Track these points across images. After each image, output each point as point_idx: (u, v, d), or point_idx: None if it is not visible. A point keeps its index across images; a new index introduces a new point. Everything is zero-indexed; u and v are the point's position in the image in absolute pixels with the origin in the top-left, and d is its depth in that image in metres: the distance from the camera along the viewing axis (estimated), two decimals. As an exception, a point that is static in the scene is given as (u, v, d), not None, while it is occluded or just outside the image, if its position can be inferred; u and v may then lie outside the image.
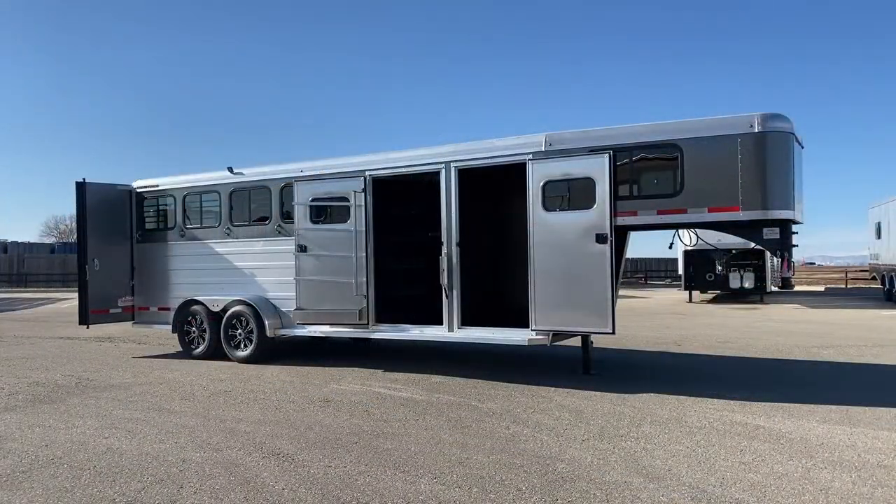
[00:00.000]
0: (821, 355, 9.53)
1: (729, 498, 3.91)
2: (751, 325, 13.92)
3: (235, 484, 4.26)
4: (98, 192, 9.97)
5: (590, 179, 6.99)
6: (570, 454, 4.79)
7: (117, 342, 11.86)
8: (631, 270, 44.29)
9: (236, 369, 8.70)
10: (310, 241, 8.51)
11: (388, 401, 6.63)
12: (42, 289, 36.40)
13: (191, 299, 9.65)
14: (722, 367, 8.66)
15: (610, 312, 6.83)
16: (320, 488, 4.15)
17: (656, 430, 5.40)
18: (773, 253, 7.00)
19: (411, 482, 4.24)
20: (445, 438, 5.24)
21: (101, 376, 8.32)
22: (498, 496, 3.99)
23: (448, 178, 7.81)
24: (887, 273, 21.45)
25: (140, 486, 4.25)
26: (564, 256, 7.08)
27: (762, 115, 6.48)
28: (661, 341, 11.27)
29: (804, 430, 5.36)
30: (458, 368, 8.33)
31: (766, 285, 20.92)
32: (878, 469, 4.42)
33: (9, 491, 4.20)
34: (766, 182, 6.48)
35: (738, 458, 4.66)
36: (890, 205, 21.04)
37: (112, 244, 10.13)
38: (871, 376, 7.94)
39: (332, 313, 8.36)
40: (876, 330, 12.80)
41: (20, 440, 5.37)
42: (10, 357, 10.22)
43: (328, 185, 8.51)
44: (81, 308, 9.90)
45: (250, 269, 9.31)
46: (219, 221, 9.61)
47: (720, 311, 18.28)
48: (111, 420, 6.00)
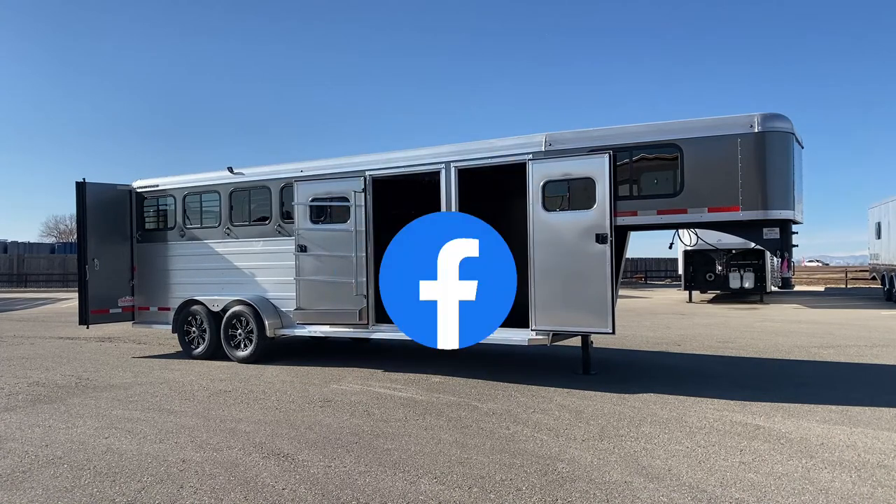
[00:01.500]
0: (821, 355, 9.53)
1: (729, 498, 3.91)
2: (751, 325, 13.91)
3: (235, 484, 4.26)
4: (98, 192, 9.97)
5: (590, 179, 7.00)
6: (570, 454, 4.79)
7: (117, 342, 11.86)
8: (631, 270, 44.29)
9: (236, 369, 8.70)
10: (310, 241, 8.52)
11: (388, 401, 6.64)
12: (42, 289, 36.40)
13: (191, 299, 9.65)
14: (722, 367, 8.66)
15: (610, 312, 6.84)
16: (320, 488, 4.16)
17: (656, 430, 5.40)
18: (773, 253, 7.00)
19: (411, 482, 4.24)
20: (445, 438, 5.24)
21: (101, 376, 8.32)
22: (498, 496, 3.99)
23: (448, 178, 7.81)
24: (887, 273, 21.46)
25: (140, 486, 4.25)
26: (564, 256, 7.08)
27: (762, 115, 6.49)
28: (661, 341, 11.27)
29: (804, 430, 5.37)
30: (458, 368, 8.34)
31: (766, 285, 20.92)
32: (878, 469, 4.42)
33: (9, 491, 4.20)
34: (766, 182, 6.49)
35: (738, 458, 4.66)
36: (890, 205, 21.05)
37: (112, 244, 10.14)
38: (871, 376, 7.94)
39: (332, 313, 8.37)
40: (876, 330, 12.80)
41: (20, 440, 5.37)
42: (10, 357, 10.22)
43: (328, 185, 8.51)
44: (81, 308, 9.90)
45: (250, 269, 9.32)
46: (219, 221, 9.62)
47: (720, 311, 18.28)
48: (111, 420, 6.00)
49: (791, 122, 6.68)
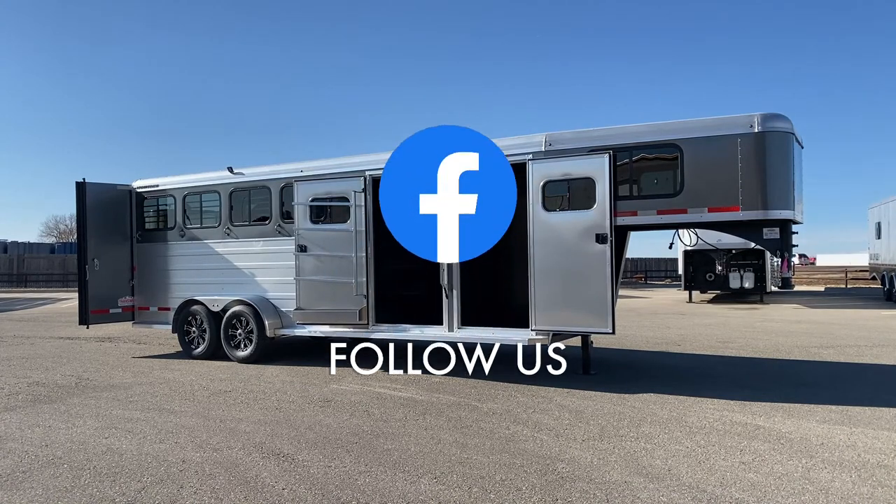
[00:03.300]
0: (821, 355, 9.53)
1: (729, 498, 3.91)
2: (751, 325, 13.91)
3: (235, 484, 4.26)
4: (98, 192, 9.97)
5: (590, 179, 7.00)
6: (570, 454, 4.79)
7: (117, 342, 11.86)
8: (631, 270, 44.29)
9: (236, 369, 8.70)
10: (310, 241, 8.52)
11: (388, 401, 6.64)
12: (42, 289, 36.41)
13: (191, 299, 9.65)
14: (722, 367, 8.66)
15: (610, 312, 6.84)
16: (320, 488, 4.16)
17: (656, 430, 5.40)
18: (773, 253, 7.01)
19: (411, 482, 4.24)
20: (445, 438, 5.24)
21: (101, 376, 8.32)
22: (498, 496, 3.99)
23: (448, 178, 7.79)
24: (887, 273, 21.46)
25: (140, 486, 4.25)
26: (564, 256, 7.08)
27: (762, 116, 6.50)
28: (661, 341, 11.27)
29: (804, 430, 5.37)
30: (458, 368, 8.33)
31: (766, 285, 20.92)
32: (878, 469, 4.42)
33: (9, 491, 4.20)
34: (766, 182, 6.49)
35: (738, 458, 4.67)
36: (890, 205, 21.05)
37: (112, 244, 10.13)
38: (871, 376, 7.94)
39: (332, 313, 8.36)
40: (876, 330, 12.80)
41: (20, 440, 5.37)
42: (10, 357, 10.22)
43: (328, 185, 8.51)
44: (81, 308, 9.90)
45: (250, 269, 9.32)
46: (219, 221, 9.62)
47: (720, 311, 18.28)
48: (111, 420, 6.00)
49: (791, 121, 6.69)
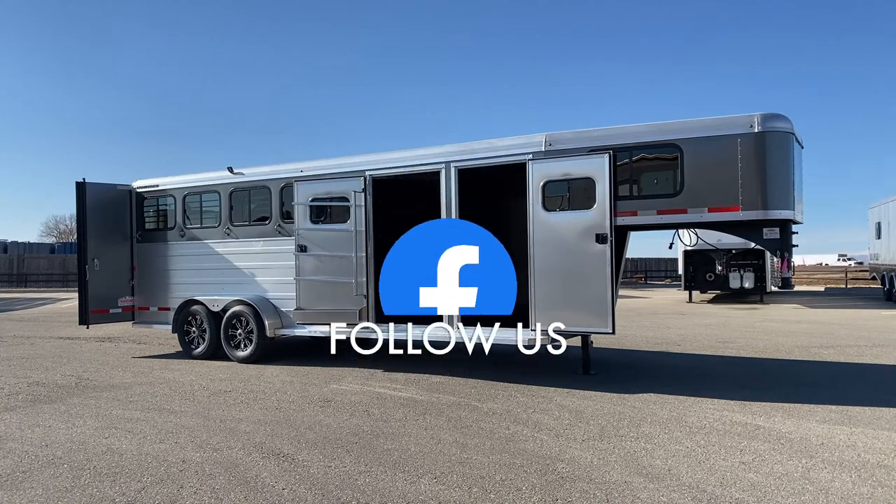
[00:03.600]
0: (821, 355, 9.53)
1: (729, 498, 3.91)
2: (751, 325, 13.91)
3: (235, 484, 4.26)
4: (98, 192, 9.97)
5: (590, 179, 7.00)
6: (570, 454, 4.79)
7: (117, 342, 11.86)
8: (631, 270, 44.28)
9: (236, 369, 8.70)
10: (310, 241, 8.52)
11: (388, 401, 6.64)
12: (42, 289, 36.40)
13: (191, 299, 9.65)
14: (722, 367, 8.66)
15: (610, 312, 6.84)
16: (320, 488, 4.16)
17: (656, 430, 5.40)
18: (773, 253, 7.01)
19: (411, 482, 4.24)
20: (445, 438, 5.24)
21: (101, 376, 8.32)
22: (498, 496, 3.99)
23: (448, 178, 7.81)
24: (887, 273, 21.46)
25: (140, 486, 4.25)
26: (564, 256, 7.08)
27: (762, 115, 6.49)
28: (661, 341, 11.27)
29: (804, 430, 5.37)
30: (458, 368, 8.33)
31: (766, 285, 20.92)
32: (878, 469, 4.42)
33: (9, 491, 4.20)
34: (766, 182, 6.49)
35: (738, 458, 4.66)
36: (890, 205, 21.05)
37: (112, 244, 10.13)
38: (871, 376, 7.94)
39: (332, 313, 8.36)
40: (876, 330, 12.80)
41: (20, 440, 5.37)
42: (10, 357, 10.22)
43: (328, 185, 8.51)
44: (81, 308, 9.90)
45: (250, 269, 9.32)
46: (219, 221, 9.62)
47: (720, 311, 18.28)
48: (111, 420, 6.00)
49: (791, 121, 6.69)
